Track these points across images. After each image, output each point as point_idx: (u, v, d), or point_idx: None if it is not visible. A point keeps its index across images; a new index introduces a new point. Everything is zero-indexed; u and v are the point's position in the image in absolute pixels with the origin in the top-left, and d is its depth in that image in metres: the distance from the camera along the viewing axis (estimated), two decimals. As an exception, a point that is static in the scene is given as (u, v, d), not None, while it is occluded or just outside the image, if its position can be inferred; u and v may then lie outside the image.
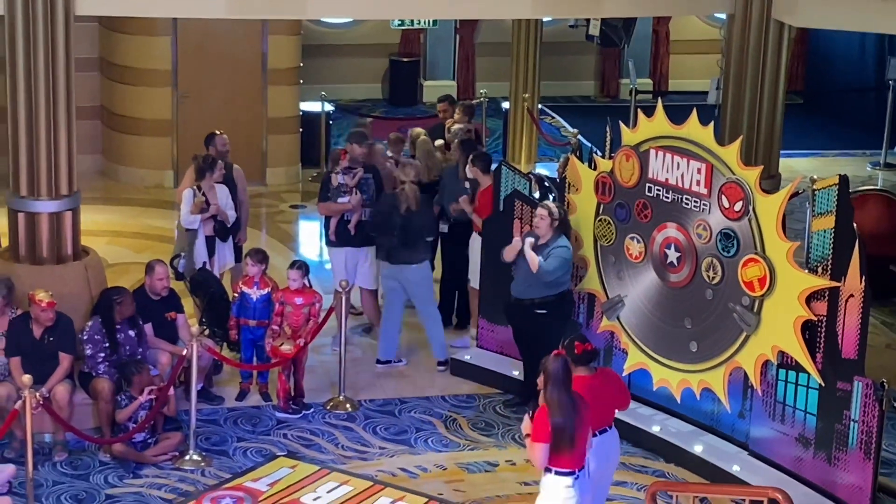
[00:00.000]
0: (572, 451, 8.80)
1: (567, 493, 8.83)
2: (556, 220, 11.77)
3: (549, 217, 11.76)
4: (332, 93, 20.76)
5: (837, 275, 10.43)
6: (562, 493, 8.84)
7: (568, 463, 8.82)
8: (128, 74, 18.39)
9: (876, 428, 10.27)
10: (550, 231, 11.78)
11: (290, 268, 12.38)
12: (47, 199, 11.80)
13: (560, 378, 8.82)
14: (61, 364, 11.36)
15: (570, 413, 8.76)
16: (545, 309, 11.83)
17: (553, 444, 8.75)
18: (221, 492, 10.90)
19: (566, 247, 11.79)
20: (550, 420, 8.74)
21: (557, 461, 8.82)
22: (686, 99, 20.12)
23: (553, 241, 11.78)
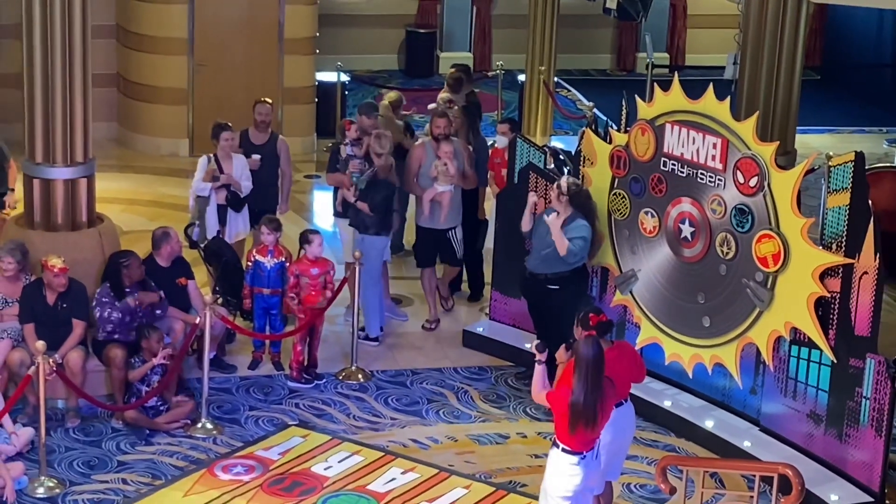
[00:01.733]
0: (587, 434, 8.83)
1: (572, 471, 8.88)
2: (564, 195, 11.66)
3: (556, 191, 11.69)
4: (348, 63, 20.73)
5: (851, 252, 10.42)
6: (567, 469, 8.89)
7: (579, 445, 8.85)
8: (144, 42, 18.37)
9: (888, 405, 10.27)
10: (562, 206, 11.70)
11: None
12: (62, 165, 11.81)
13: (592, 362, 8.75)
14: (74, 330, 11.39)
15: (594, 399, 8.74)
16: (558, 284, 11.80)
17: (570, 424, 8.76)
18: (233, 460, 10.93)
19: (585, 225, 11.71)
20: (572, 400, 8.73)
21: (569, 440, 8.85)
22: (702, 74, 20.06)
23: (571, 220, 11.70)
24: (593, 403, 8.74)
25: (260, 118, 13.85)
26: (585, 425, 8.78)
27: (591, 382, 8.73)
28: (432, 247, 13.54)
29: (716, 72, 19.71)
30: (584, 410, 8.73)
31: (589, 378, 8.73)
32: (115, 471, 10.77)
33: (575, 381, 8.77)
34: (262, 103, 13.95)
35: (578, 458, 8.87)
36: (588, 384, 8.73)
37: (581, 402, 8.72)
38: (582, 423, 8.77)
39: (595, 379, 8.75)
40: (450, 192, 13.20)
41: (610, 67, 24.80)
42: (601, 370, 8.80)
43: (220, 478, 10.66)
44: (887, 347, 10.73)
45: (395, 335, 13.27)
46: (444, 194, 13.19)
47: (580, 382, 8.74)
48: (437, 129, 13.32)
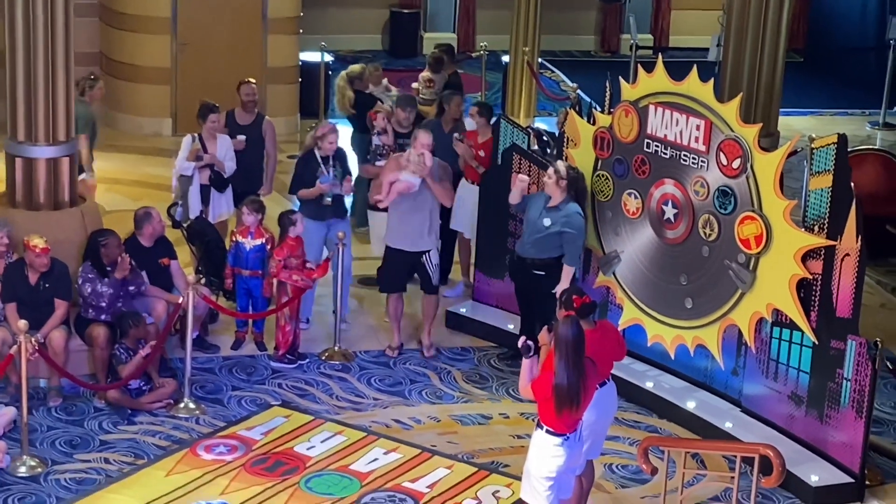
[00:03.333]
0: (571, 415, 8.83)
1: (555, 452, 8.87)
2: (564, 180, 11.64)
3: (555, 176, 11.67)
4: (332, 43, 20.70)
5: (834, 234, 10.44)
6: (550, 451, 8.88)
7: (562, 426, 8.85)
8: (127, 21, 18.33)
9: (868, 387, 10.31)
10: (559, 191, 11.66)
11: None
12: (45, 144, 11.79)
13: (571, 343, 8.73)
14: (57, 310, 11.37)
15: (576, 380, 8.73)
16: (545, 270, 11.79)
17: (556, 406, 8.75)
18: (215, 440, 10.94)
19: (577, 213, 11.70)
20: (556, 382, 8.72)
21: (553, 422, 8.84)
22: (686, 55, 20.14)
23: (564, 206, 11.68)
24: (576, 384, 8.74)
25: (247, 98, 13.82)
26: (570, 407, 8.77)
27: (572, 363, 8.72)
28: (401, 271, 12.44)
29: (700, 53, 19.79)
30: (567, 392, 8.73)
31: (570, 359, 8.72)
32: (97, 450, 10.77)
33: (556, 363, 8.76)
34: (246, 83, 13.91)
35: (562, 439, 8.87)
36: (569, 365, 8.72)
37: (564, 383, 8.72)
38: (567, 405, 8.76)
39: (576, 359, 8.74)
40: (410, 183, 12.04)
41: (594, 49, 24.81)
42: (581, 351, 8.78)
43: (202, 457, 10.66)
44: (868, 329, 10.77)
45: (377, 316, 13.27)
46: (405, 184, 12.06)
47: (561, 364, 8.73)
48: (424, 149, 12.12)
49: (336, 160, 12.76)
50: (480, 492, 10.40)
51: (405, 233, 12.20)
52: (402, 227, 12.21)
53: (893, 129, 20.60)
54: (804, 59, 24.02)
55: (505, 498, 10.31)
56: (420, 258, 12.29)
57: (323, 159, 12.68)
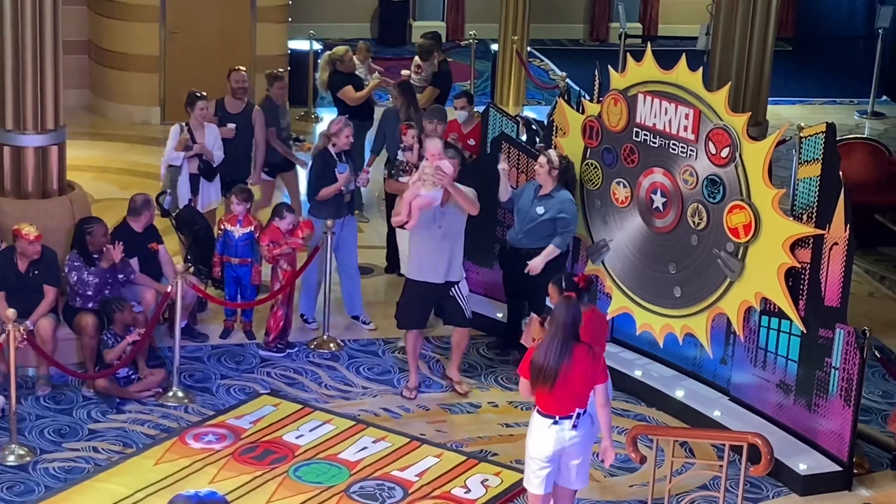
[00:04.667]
0: (550, 395, 8.76)
1: (544, 435, 8.84)
2: (556, 169, 11.64)
3: (547, 165, 11.65)
4: (321, 32, 20.68)
5: (822, 223, 10.46)
6: (539, 432, 8.87)
7: (547, 406, 8.82)
8: (116, 9, 18.29)
9: (856, 375, 10.33)
10: (550, 180, 11.66)
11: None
12: (33, 133, 11.76)
13: (565, 325, 8.70)
14: (46, 297, 11.35)
15: (556, 359, 8.66)
16: None
17: (532, 381, 8.76)
18: (204, 429, 10.93)
19: (570, 199, 11.69)
20: (533, 357, 8.72)
21: (539, 401, 8.84)
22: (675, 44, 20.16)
23: (555, 192, 11.68)
24: (555, 366, 8.66)
25: (236, 85, 13.81)
26: (544, 386, 8.71)
27: (558, 344, 8.68)
28: (426, 305, 11.60)
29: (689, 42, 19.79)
30: (542, 370, 8.67)
31: (557, 340, 8.69)
32: (85, 439, 10.76)
33: (543, 339, 8.74)
34: (236, 71, 13.91)
35: (550, 422, 8.84)
36: (554, 345, 8.68)
37: (541, 362, 8.67)
38: (541, 384, 8.71)
39: (563, 342, 8.69)
40: (430, 197, 11.13)
41: (583, 37, 24.80)
42: (571, 335, 8.73)
43: (191, 446, 10.66)
44: (856, 318, 10.79)
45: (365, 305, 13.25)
46: (425, 200, 11.13)
47: (546, 341, 8.70)
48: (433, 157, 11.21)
49: (348, 155, 12.58)
50: (469, 480, 10.41)
51: (431, 263, 11.25)
52: (428, 257, 11.24)
53: (882, 117, 20.62)
54: (793, 47, 24.03)
55: (494, 486, 10.32)
56: (448, 290, 11.39)
57: (338, 155, 12.45)
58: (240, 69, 13.98)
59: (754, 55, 13.58)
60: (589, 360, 8.80)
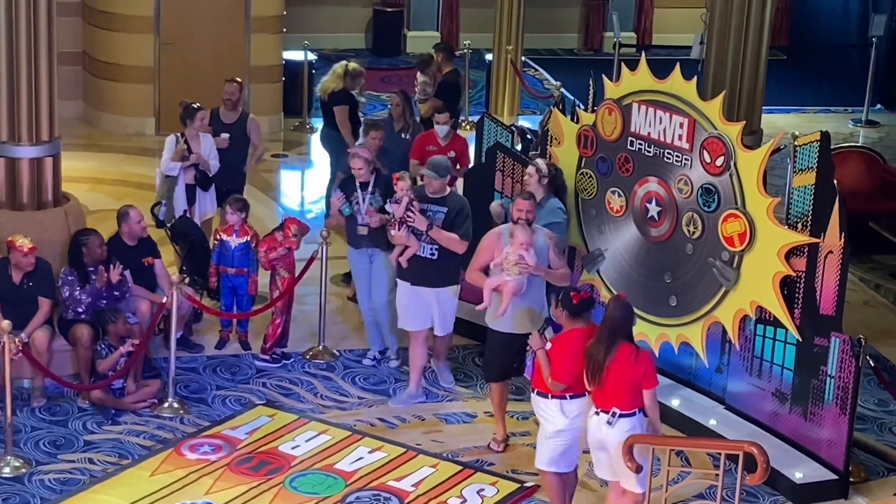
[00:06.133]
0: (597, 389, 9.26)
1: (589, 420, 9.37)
2: (545, 178, 11.61)
3: (536, 175, 11.63)
4: (315, 42, 20.69)
5: (817, 231, 10.46)
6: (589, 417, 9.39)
7: (594, 397, 9.33)
8: (110, 20, 18.28)
9: (852, 384, 10.33)
10: (541, 189, 11.63)
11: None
12: (28, 144, 11.76)
13: (614, 323, 9.25)
14: (41, 309, 11.35)
15: (600, 354, 9.18)
16: None
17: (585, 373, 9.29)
18: (200, 439, 10.93)
19: (560, 208, 11.69)
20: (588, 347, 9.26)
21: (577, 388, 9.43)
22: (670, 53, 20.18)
23: (546, 201, 11.68)
24: (600, 362, 9.17)
25: (226, 97, 13.84)
26: (591, 377, 9.24)
27: (608, 340, 9.20)
28: (510, 356, 10.96)
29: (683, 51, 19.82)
30: (590, 363, 9.22)
31: (606, 335, 9.22)
32: (81, 450, 10.76)
33: (596, 335, 9.31)
34: (229, 82, 13.93)
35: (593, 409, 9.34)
36: (604, 341, 9.21)
37: (591, 354, 9.22)
38: (588, 375, 9.25)
39: (612, 338, 9.19)
40: (519, 283, 10.64)
41: (577, 47, 24.82)
42: (618, 335, 9.23)
43: (187, 457, 10.65)
44: (852, 326, 10.79)
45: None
46: (510, 284, 10.65)
47: (599, 337, 9.26)
48: (519, 213, 10.78)
49: (376, 188, 11.91)
50: (465, 490, 10.41)
51: (514, 314, 10.79)
52: (512, 308, 10.76)
53: (876, 126, 20.64)
54: (787, 56, 24.05)
55: (490, 496, 10.32)
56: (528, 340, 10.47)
57: (360, 185, 12.00)
58: (234, 81, 13.99)
59: (748, 64, 13.57)
60: (631, 361, 9.24)
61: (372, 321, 12.45)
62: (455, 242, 11.44)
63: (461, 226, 11.48)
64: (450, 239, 11.42)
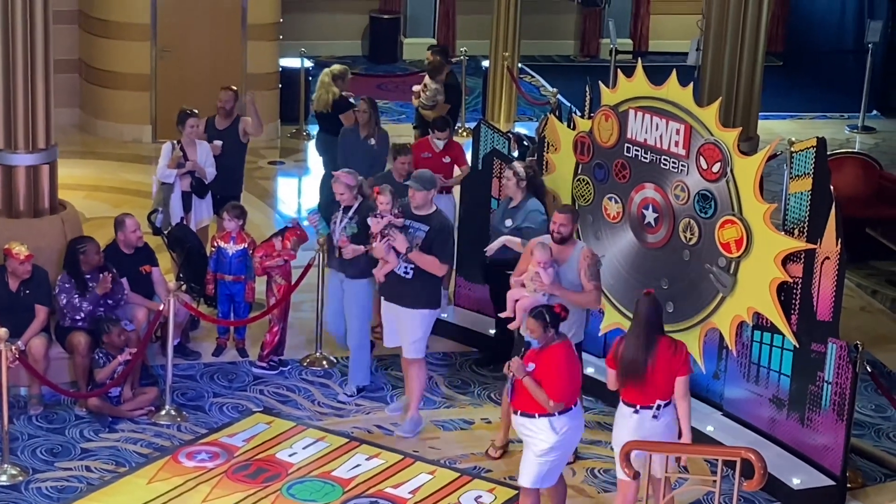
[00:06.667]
0: (636, 387, 9.36)
1: (625, 423, 9.47)
2: (523, 181, 11.67)
3: (514, 178, 11.68)
4: (312, 49, 20.69)
5: (814, 237, 10.47)
6: (621, 420, 9.50)
7: (630, 396, 9.43)
8: (107, 28, 18.30)
9: (849, 390, 10.33)
10: (519, 192, 11.71)
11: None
12: (24, 152, 11.76)
13: (648, 320, 9.35)
14: (37, 316, 11.34)
15: (638, 350, 9.29)
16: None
17: (620, 376, 9.40)
18: (197, 447, 10.92)
19: (538, 210, 11.71)
20: (621, 352, 9.37)
21: (623, 392, 9.48)
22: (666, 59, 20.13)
23: (524, 203, 11.71)
24: (644, 360, 9.27)
25: (219, 104, 13.83)
26: (634, 378, 9.33)
27: (645, 338, 9.31)
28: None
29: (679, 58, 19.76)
30: (631, 365, 9.30)
31: (642, 334, 9.32)
32: (78, 458, 10.74)
33: (628, 337, 9.42)
34: (224, 90, 13.91)
35: (632, 410, 9.44)
36: (641, 340, 9.31)
37: (630, 356, 9.31)
38: (630, 378, 9.34)
39: (648, 335, 9.32)
40: (533, 300, 10.42)
41: (574, 53, 24.84)
42: (655, 329, 9.37)
43: (184, 465, 10.65)
44: (849, 332, 10.79)
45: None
46: (524, 300, 10.55)
47: (632, 338, 9.36)
48: (553, 226, 10.59)
49: (357, 215, 11.49)
50: (463, 497, 10.40)
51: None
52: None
53: (872, 132, 20.66)
54: (783, 62, 24.07)
55: (487, 503, 10.31)
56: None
57: (343, 209, 11.64)
58: (228, 88, 13.97)
59: (745, 70, 13.59)
60: (671, 353, 9.40)
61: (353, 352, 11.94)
62: (434, 266, 11.03)
63: (441, 247, 11.05)
64: (429, 263, 11.00)
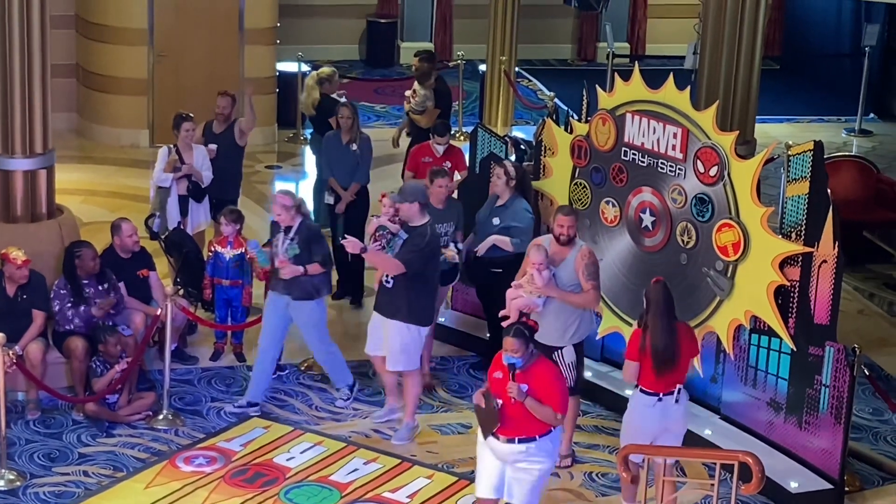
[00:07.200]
0: (663, 376, 9.58)
1: (650, 412, 9.67)
2: (513, 180, 11.78)
3: (504, 177, 11.79)
4: (309, 53, 20.66)
5: (811, 240, 10.47)
6: (644, 409, 9.70)
7: (653, 385, 9.63)
8: (104, 32, 18.29)
9: (847, 393, 10.33)
10: (507, 190, 11.80)
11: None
12: (22, 157, 11.76)
13: (664, 309, 9.55)
14: (35, 321, 11.34)
15: (668, 338, 9.53)
16: (502, 268, 11.79)
17: (653, 365, 9.54)
18: (195, 452, 10.91)
19: (526, 209, 11.76)
20: (651, 343, 9.51)
21: (645, 380, 9.65)
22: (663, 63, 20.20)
23: (511, 202, 11.76)
24: (672, 346, 9.52)
25: (218, 111, 13.84)
26: (667, 367, 9.54)
27: (667, 326, 9.54)
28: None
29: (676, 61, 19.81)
30: (663, 354, 9.51)
31: (663, 323, 9.53)
32: (76, 463, 10.74)
33: (651, 328, 9.56)
34: (221, 96, 13.92)
35: (655, 399, 9.64)
36: (664, 328, 9.52)
37: (661, 346, 9.51)
38: (665, 366, 9.54)
39: (668, 323, 9.55)
40: (527, 301, 10.55)
41: (571, 57, 24.83)
42: (673, 313, 9.61)
43: (181, 469, 10.64)
44: (846, 335, 10.80)
45: (357, 325, 13.25)
46: (518, 301, 10.60)
47: (657, 328, 9.53)
48: (560, 230, 10.66)
49: (297, 235, 11.35)
50: (460, 501, 10.40)
51: (542, 324, 10.39)
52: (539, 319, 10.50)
53: (869, 135, 20.67)
54: (780, 66, 24.08)
55: (485, 507, 10.30)
56: (552, 354, 10.51)
57: (284, 229, 11.44)
58: (225, 93, 13.97)
59: (741, 74, 13.59)
60: (690, 335, 9.88)
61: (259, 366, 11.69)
62: (389, 264, 10.86)
63: (404, 253, 10.86)
64: (383, 261, 10.90)
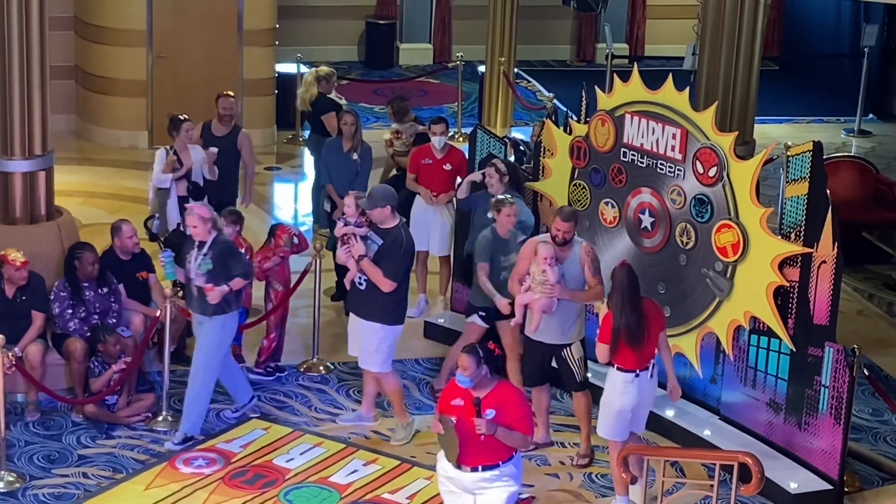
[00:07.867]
0: (636, 352, 9.85)
1: (629, 388, 9.93)
2: (506, 176, 11.94)
3: (497, 175, 11.93)
4: (308, 55, 20.66)
5: (810, 241, 10.47)
6: (624, 385, 9.94)
7: (628, 363, 9.89)
8: (102, 34, 18.29)
9: (846, 393, 10.33)
10: (502, 188, 11.90)
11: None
12: (21, 158, 11.76)
13: (625, 287, 9.80)
14: (34, 323, 11.34)
15: (632, 317, 9.77)
16: None
17: (614, 343, 9.81)
18: (194, 453, 10.91)
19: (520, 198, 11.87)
20: (613, 323, 9.78)
21: (621, 359, 9.90)
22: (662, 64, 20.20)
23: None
24: (637, 323, 9.77)
25: (223, 112, 13.82)
26: (635, 344, 9.80)
27: (630, 305, 9.78)
28: (544, 363, 11.05)
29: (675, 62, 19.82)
30: (629, 332, 9.76)
31: (627, 302, 9.78)
32: (75, 465, 10.74)
33: (614, 309, 9.83)
34: (224, 97, 13.91)
35: (632, 375, 9.92)
36: (628, 308, 9.77)
37: (623, 325, 9.76)
38: (633, 343, 9.79)
39: (633, 302, 9.80)
40: (548, 301, 10.58)
41: (570, 58, 24.84)
42: (637, 294, 9.84)
43: (181, 471, 10.64)
44: (846, 336, 10.80)
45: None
46: (539, 302, 10.63)
47: (619, 308, 9.79)
48: (557, 233, 10.63)
49: (211, 250, 10.90)
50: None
51: (546, 323, 10.76)
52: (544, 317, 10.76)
53: (868, 135, 20.66)
54: (779, 67, 24.08)
55: (485, 508, 10.29)
56: (561, 352, 10.89)
57: (197, 244, 11.02)
58: (228, 95, 13.98)
59: (741, 74, 13.60)
60: (656, 311, 10.12)
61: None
62: (379, 279, 10.82)
63: (387, 262, 10.82)
64: (375, 274, 10.82)
